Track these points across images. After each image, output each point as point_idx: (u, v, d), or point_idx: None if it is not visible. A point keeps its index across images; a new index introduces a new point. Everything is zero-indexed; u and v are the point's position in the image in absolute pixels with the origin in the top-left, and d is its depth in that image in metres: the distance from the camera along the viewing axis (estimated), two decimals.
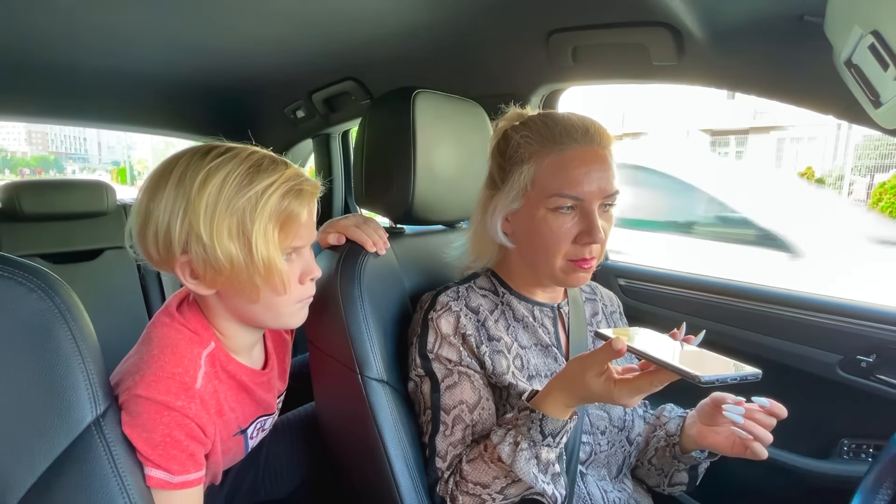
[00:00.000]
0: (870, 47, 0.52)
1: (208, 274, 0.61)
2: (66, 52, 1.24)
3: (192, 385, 0.62)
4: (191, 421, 0.61)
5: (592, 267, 0.72)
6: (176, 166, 0.61)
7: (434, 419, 0.72)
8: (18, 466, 0.47)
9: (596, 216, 0.69)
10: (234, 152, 0.63)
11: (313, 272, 0.69)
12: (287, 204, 0.62)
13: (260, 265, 0.61)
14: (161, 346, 0.63)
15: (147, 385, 0.58)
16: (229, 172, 0.60)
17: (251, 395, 0.74)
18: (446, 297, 0.75)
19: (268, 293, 0.64)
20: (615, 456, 0.78)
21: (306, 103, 1.69)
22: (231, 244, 0.60)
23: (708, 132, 15.45)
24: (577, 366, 0.59)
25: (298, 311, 0.71)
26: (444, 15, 1.02)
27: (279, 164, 0.64)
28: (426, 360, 0.74)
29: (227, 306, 0.67)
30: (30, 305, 0.49)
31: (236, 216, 0.60)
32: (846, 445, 0.99)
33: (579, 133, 0.71)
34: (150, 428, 0.57)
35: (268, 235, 0.61)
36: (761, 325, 1.07)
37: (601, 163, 0.70)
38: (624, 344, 0.54)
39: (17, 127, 43.14)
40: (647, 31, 0.91)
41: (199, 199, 0.59)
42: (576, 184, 0.69)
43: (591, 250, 0.71)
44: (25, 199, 1.51)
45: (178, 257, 0.61)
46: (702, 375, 0.47)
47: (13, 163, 40.99)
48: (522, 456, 0.62)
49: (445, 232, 1.04)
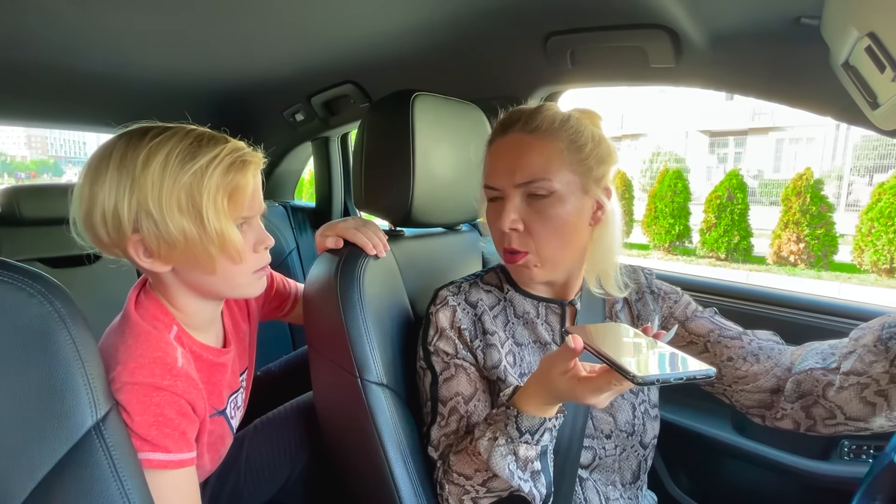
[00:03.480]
0: (866, 49, 0.52)
1: (162, 250, 0.62)
2: (66, 56, 1.24)
3: (175, 364, 0.63)
4: (180, 398, 0.62)
5: (525, 263, 0.71)
6: (115, 149, 0.62)
7: (433, 410, 0.74)
8: (19, 471, 0.47)
9: (506, 204, 0.69)
10: (172, 131, 0.64)
11: (265, 241, 0.71)
12: (233, 176, 0.64)
13: (213, 235, 0.63)
14: (133, 335, 0.63)
15: (131, 371, 0.59)
16: (171, 149, 0.61)
17: (219, 372, 0.76)
18: (446, 292, 0.77)
19: (224, 263, 0.66)
20: (627, 461, 0.77)
21: (305, 106, 1.70)
22: (182, 218, 0.61)
23: (707, 133, 15.48)
24: (546, 364, 0.59)
25: (256, 281, 0.73)
26: (443, 18, 1.03)
27: (219, 139, 0.66)
28: (427, 352, 0.75)
29: (183, 281, 0.68)
30: (30, 310, 0.49)
31: (184, 190, 0.61)
32: (847, 446, 0.99)
33: (501, 123, 0.73)
34: (142, 410, 0.58)
35: (218, 206, 0.63)
36: (762, 326, 1.07)
37: (514, 148, 0.69)
38: (579, 341, 0.53)
39: (16, 131, 43.20)
40: (644, 34, 0.92)
41: (143, 176, 0.60)
42: (489, 173, 0.72)
43: (508, 239, 0.70)
44: (25, 203, 1.51)
45: (129, 236, 0.62)
46: (639, 374, 0.46)
47: (13, 167, 40.98)
48: (498, 451, 0.62)
49: (445, 234, 1.04)
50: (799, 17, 0.76)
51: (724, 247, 7.62)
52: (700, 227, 7.89)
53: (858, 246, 6.59)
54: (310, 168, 2.24)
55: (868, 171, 12.05)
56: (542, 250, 0.70)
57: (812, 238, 6.88)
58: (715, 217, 7.61)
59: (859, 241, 6.57)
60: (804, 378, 0.64)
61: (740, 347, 0.73)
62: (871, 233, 6.39)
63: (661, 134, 15.50)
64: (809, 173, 6.82)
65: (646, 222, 8.61)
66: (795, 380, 0.65)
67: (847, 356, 0.60)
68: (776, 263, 7.30)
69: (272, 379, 1.14)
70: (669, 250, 8.42)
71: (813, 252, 6.93)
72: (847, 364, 0.60)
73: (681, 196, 8.19)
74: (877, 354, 0.58)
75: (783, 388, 0.67)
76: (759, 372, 0.70)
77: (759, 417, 0.71)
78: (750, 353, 0.72)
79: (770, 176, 14.40)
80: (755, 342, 0.73)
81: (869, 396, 0.58)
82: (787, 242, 7.06)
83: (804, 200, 6.80)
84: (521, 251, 0.70)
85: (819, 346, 0.67)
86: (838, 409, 0.61)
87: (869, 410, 0.59)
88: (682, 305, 0.82)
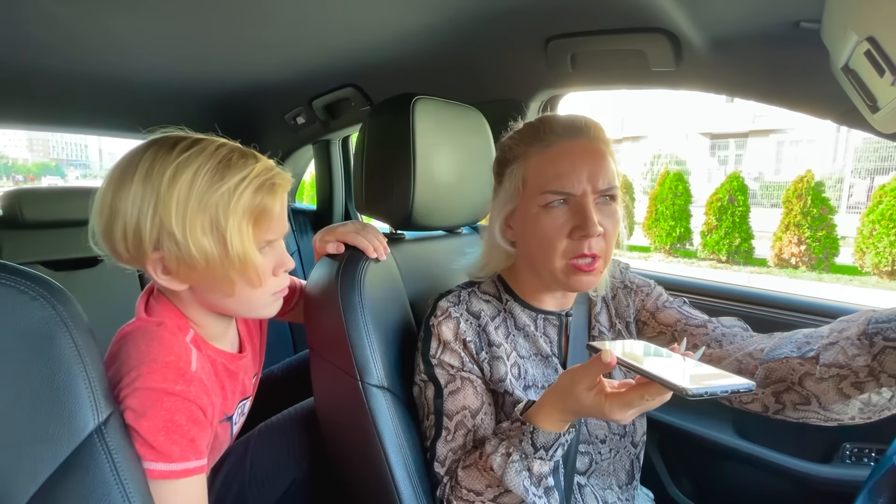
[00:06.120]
0: (866, 53, 0.53)
1: (182, 270, 0.60)
2: (69, 60, 1.25)
3: (188, 368, 0.61)
4: (191, 403, 0.60)
5: (597, 269, 0.69)
6: (142, 160, 0.59)
7: (437, 424, 0.72)
8: (20, 474, 0.47)
9: (589, 209, 0.67)
10: (201, 146, 0.61)
11: (286, 264, 0.69)
12: (261, 199, 0.62)
13: (235, 260, 0.60)
14: (146, 340, 0.61)
15: (144, 377, 0.58)
16: (199, 167, 0.59)
17: (233, 379, 0.74)
18: (446, 303, 0.75)
19: (243, 287, 0.64)
20: (621, 462, 0.78)
21: (306, 110, 1.70)
22: (205, 240, 0.59)
23: (707, 135, 15.48)
24: (568, 379, 0.58)
25: (273, 303, 0.71)
26: (444, 22, 1.03)
27: (249, 157, 0.64)
28: (429, 365, 0.74)
29: (199, 300, 0.67)
30: (32, 314, 0.49)
31: (209, 212, 0.59)
32: (848, 450, 0.99)
33: (563, 128, 0.71)
34: (151, 415, 0.57)
35: (242, 231, 0.61)
36: (764, 328, 1.07)
37: (590, 154, 0.69)
38: (613, 356, 0.53)
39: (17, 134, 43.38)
40: (644, 38, 0.92)
41: (169, 194, 0.57)
42: (562, 177, 0.68)
43: (589, 245, 0.67)
44: (27, 206, 1.51)
45: (149, 254, 0.60)
46: (689, 388, 0.45)
47: (14, 169, 41.11)
48: (513, 468, 0.61)
49: (446, 238, 1.04)
50: (799, 21, 0.76)
51: (725, 249, 7.62)
52: (701, 230, 7.89)
53: (860, 248, 6.59)
54: (311, 171, 2.24)
55: (869, 173, 12.04)
56: (606, 253, 0.71)
57: (813, 240, 6.88)
58: (716, 219, 7.62)
59: (860, 243, 6.57)
60: (778, 366, 0.64)
61: (705, 335, 0.74)
62: (872, 235, 6.38)
63: (661, 136, 15.50)
64: (810, 175, 6.82)
65: (647, 224, 8.61)
66: (768, 367, 0.65)
67: (828, 347, 0.60)
68: (777, 266, 7.29)
69: (274, 381, 1.14)
70: (670, 252, 8.42)
71: (814, 254, 6.93)
72: (828, 356, 0.60)
73: (682, 198, 8.20)
74: (860, 348, 0.58)
75: (747, 373, 0.67)
76: (721, 356, 0.70)
77: (725, 400, 0.71)
78: (713, 339, 0.73)
79: (771, 178, 14.40)
80: (719, 329, 0.75)
81: (845, 388, 0.58)
82: (789, 245, 7.06)
83: (805, 202, 6.80)
84: (598, 256, 0.69)
85: (793, 335, 0.67)
86: (815, 397, 0.61)
87: (843, 402, 0.60)
88: (653, 297, 0.83)
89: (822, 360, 0.60)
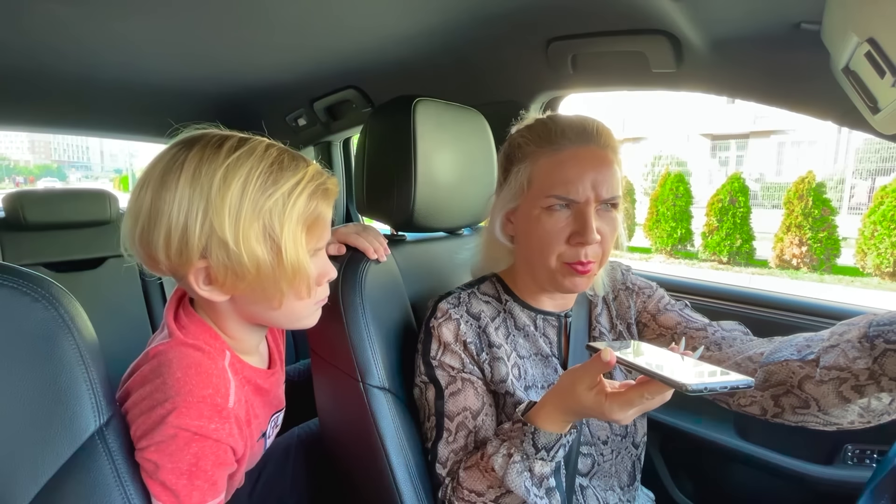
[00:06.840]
0: (866, 55, 0.53)
1: (228, 280, 0.56)
2: (72, 63, 1.25)
3: (225, 405, 0.58)
4: (222, 444, 0.57)
5: (591, 272, 0.70)
6: (187, 160, 0.54)
7: (438, 425, 0.72)
8: (22, 475, 0.47)
9: (590, 217, 0.67)
10: (250, 146, 0.57)
11: (329, 273, 0.65)
12: (315, 205, 0.59)
13: (288, 269, 0.57)
14: (184, 366, 0.57)
15: (179, 413, 0.54)
16: (251, 169, 0.55)
17: (266, 396, 0.71)
18: (446, 305, 0.75)
19: (290, 298, 0.60)
20: (622, 463, 0.78)
21: (308, 111, 1.70)
22: (259, 248, 0.55)
23: (708, 137, 15.48)
24: (568, 379, 0.58)
25: (315, 312, 0.68)
26: (445, 24, 1.03)
27: (299, 160, 0.60)
28: (430, 367, 0.74)
29: (239, 311, 0.63)
30: (34, 315, 0.50)
31: (263, 219, 0.55)
32: (850, 451, 0.99)
33: (575, 133, 0.71)
34: (178, 457, 0.54)
35: (297, 238, 0.57)
36: (765, 330, 1.07)
37: (598, 163, 0.69)
38: (613, 355, 0.53)
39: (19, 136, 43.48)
40: (645, 39, 0.92)
41: (220, 199, 0.53)
42: (568, 184, 0.68)
43: (585, 253, 0.69)
44: (29, 208, 1.52)
45: (194, 263, 0.55)
46: (689, 383, 0.46)
47: (16, 171, 41.25)
48: (514, 468, 0.61)
49: (447, 239, 1.04)
50: (799, 22, 0.76)
51: (726, 250, 7.61)
52: (702, 231, 7.89)
53: (861, 249, 6.58)
54: None
55: (871, 173, 12.03)
56: (602, 257, 0.71)
57: (814, 241, 6.87)
58: (717, 220, 7.62)
59: (862, 244, 6.56)
60: (778, 369, 0.64)
61: (704, 338, 0.74)
62: (873, 236, 6.37)
63: (662, 137, 15.50)
64: (812, 176, 6.81)
65: (648, 226, 8.61)
66: (768, 370, 0.65)
67: (829, 350, 0.60)
68: (779, 267, 7.29)
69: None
70: (671, 254, 8.41)
71: (815, 255, 6.92)
72: (829, 358, 0.59)
73: (683, 199, 8.20)
74: (861, 351, 0.57)
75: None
76: (720, 359, 0.70)
77: (723, 403, 0.72)
78: (713, 342, 0.73)
79: (772, 179, 14.39)
80: (719, 332, 0.75)
81: (845, 391, 0.58)
82: (790, 246, 7.06)
83: (806, 203, 6.80)
84: (593, 262, 0.70)
85: (793, 339, 0.67)
86: (814, 400, 0.61)
87: (842, 405, 0.59)
88: (655, 300, 0.83)
89: (823, 363, 0.60)
